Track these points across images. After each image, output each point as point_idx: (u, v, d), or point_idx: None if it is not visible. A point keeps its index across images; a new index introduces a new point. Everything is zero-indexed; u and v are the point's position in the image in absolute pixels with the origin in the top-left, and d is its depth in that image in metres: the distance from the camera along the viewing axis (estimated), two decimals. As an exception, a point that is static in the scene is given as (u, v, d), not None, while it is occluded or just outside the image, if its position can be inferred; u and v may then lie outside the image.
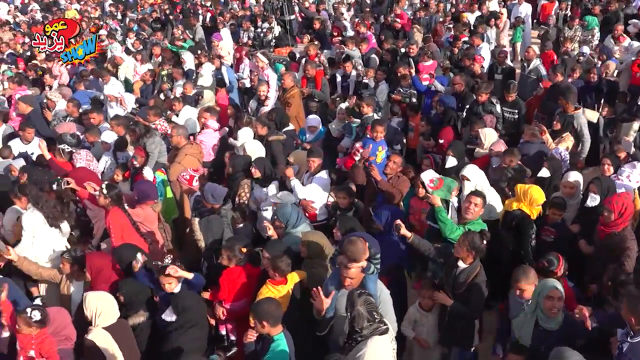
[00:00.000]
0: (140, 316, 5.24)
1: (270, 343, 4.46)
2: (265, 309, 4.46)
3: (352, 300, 4.19)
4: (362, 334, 4.16)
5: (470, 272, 5.11)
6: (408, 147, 9.66)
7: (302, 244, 5.62)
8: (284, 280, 5.22)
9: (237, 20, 17.49)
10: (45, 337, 4.59)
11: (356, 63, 11.47)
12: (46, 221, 6.28)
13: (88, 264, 5.51)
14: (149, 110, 9.07)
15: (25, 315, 4.50)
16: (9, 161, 8.16)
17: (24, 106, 9.43)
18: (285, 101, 10.09)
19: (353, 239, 4.74)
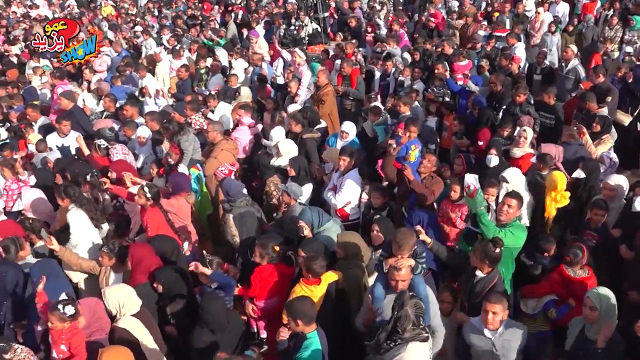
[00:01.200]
0: (177, 305, 5.33)
1: (303, 341, 4.47)
2: (299, 307, 4.48)
3: (403, 300, 4.13)
4: (403, 337, 4.11)
5: (487, 282, 5.02)
6: (441, 147, 9.57)
7: (339, 245, 5.61)
8: (317, 281, 5.21)
9: (271, 18, 17.54)
10: (75, 331, 4.63)
11: (397, 62, 11.40)
12: (90, 222, 6.46)
13: (130, 253, 5.59)
14: (186, 105, 9.17)
15: (58, 311, 4.54)
16: (45, 154, 8.34)
17: (65, 102, 9.57)
18: (319, 98, 10.08)
19: (404, 229, 4.80)
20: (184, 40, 15.31)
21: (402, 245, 4.59)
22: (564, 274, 5.38)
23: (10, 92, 11.90)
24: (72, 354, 4.59)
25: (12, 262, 5.67)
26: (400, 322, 4.10)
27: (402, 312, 4.09)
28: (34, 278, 5.44)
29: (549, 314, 5.47)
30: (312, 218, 6.04)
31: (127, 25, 19.11)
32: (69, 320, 4.57)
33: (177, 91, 11.90)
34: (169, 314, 5.36)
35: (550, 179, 6.46)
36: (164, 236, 6.06)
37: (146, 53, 14.76)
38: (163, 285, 5.31)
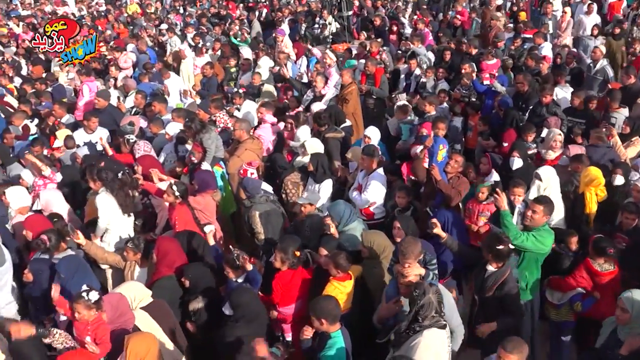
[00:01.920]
0: (199, 302, 5.34)
1: (327, 340, 4.48)
2: (323, 307, 4.49)
3: (424, 288, 4.16)
4: (423, 324, 4.13)
5: (498, 276, 5.00)
6: (466, 147, 9.50)
7: (364, 244, 5.59)
8: (348, 275, 5.22)
9: (295, 16, 17.58)
10: (100, 322, 4.67)
11: (421, 61, 11.35)
12: (119, 208, 6.50)
13: (157, 246, 5.62)
14: (210, 103, 9.23)
15: (83, 299, 4.56)
16: (73, 150, 8.43)
17: (102, 101, 9.70)
18: (343, 97, 10.07)
19: (409, 238, 4.82)
20: (207, 38, 15.41)
21: (406, 254, 4.64)
22: (590, 267, 5.42)
23: (38, 88, 12.10)
24: (96, 344, 4.63)
25: (48, 259, 5.78)
26: (422, 310, 4.12)
27: (424, 299, 4.12)
28: (62, 274, 5.53)
29: (575, 307, 5.59)
30: (344, 212, 6.05)
31: (151, 23, 19.28)
32: (95, 308, 4.60)
33: (202, 88, 11.99)
34: (190, 310, 5.39)
35: (588, 175, 6.39)
36: (191, 232, 6.10)
37: (171, 51, 14.87)
38: (190, 281, 5.35)
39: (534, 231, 5.42)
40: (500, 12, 14.99)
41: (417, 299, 4.15)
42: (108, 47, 15.57)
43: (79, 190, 7.60)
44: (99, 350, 4.55)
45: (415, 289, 4.20)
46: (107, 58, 14.66)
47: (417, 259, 4.76)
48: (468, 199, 6.76)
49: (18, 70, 14.83)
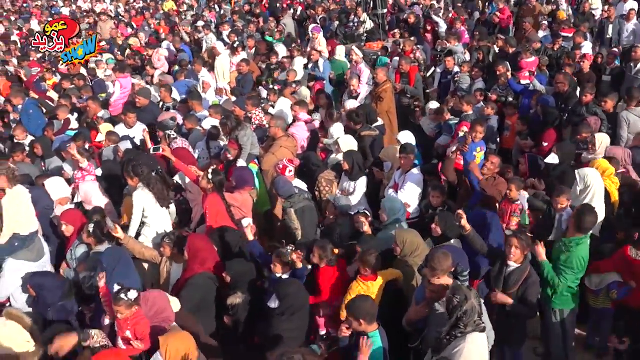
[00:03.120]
0: (237, 297, 5.40)
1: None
2: (361, 307, 4.47)
3: (465, 294, 4.09)
4: (465, 331, 4.08)
5: (522, 272, 5.05)
6: (502, 147, 9.37)
7: (397, 242, 5.57)
8: (374, 276, 5.18)
9: (328, 14, 17.56)
10: (140, 318, 4.73)
11: (458, 59, 11.25)
12: (156, 200, 6.54)
13: (188, 244, 5.64)
14: (247, 100, 9.29)
15: (123, 299, 4.64)
16: (117, 144, 8.51)
17: (142, 100, 9.83)
18: (378, 95, 10.05)
19: (439, 251, 4.77)
20: (243, 36, 15.50)
21: (436, 269, 4.61)
22: (627, 256, 5.46)
23: (77, 84, 12.34)
24: (137, 339, 4.71)
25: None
26: (466, 316, 4.05)
27: (467, 305, 4.05)
28: (104, 264, 5.58)
29: (611, 295, 5.65)
30: (399, 211, 6.10)
31: (185, 21, 19.48)
32: (136, 305, 4.67)
33: (237, 85, 12.07)
34: (229, 305, 5.43)
35: (599, 167, 6.46)
36: (228, 228, 6.13)
37: (207, 48, 15.01)
38: (232, 277, 5.39)
39: (573, 241, 5.35)
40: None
41: (459, 306, 4.08)
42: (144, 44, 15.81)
43: (119, 185, 7.72)
44: (142, 345, 4.60)
45: (456, 295, 4.11)
46: (146, 55, 14.88)
47: (447, 273, 4.74)
48: (502, 200, 6.66)
49: (55, 65, 15.15)
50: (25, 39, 19.57)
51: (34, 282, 5.45)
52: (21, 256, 6.03)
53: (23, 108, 10.28)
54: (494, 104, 9.49)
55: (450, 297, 4.12)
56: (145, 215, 6.55)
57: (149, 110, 9.71)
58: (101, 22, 19.89)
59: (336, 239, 6.19)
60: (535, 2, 15.28)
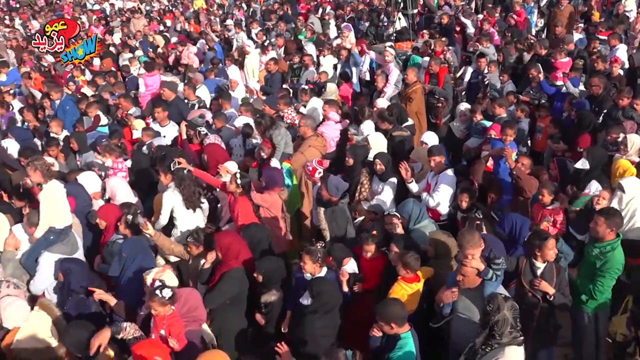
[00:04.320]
0: (272, 295, 5.43)
1: (397, 340, 4.46)
2: (391, 311, 4.47)
3: (498, 303, 4.07)
4: (501, 342, 4.05)
5: (552, 268, 5.12)
6: (533, 149, 9.26)
7: (430, 244, 5.56)
8: (416, 277, 5.17)
9: (357, 14, 17.55)
10: (176, 319, 4.78)
11: (490, 61, 11.15)
12: (183, 203, 6.61)
13: (217, 243, 5.66)
14: (279, 99, 9.32)
15: (158, 297, 4.67)
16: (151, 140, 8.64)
17: (168, 92, 9.92)
18: (407, 96, 10.04)
19: (465, 229, 4.89)
20: (272, 34, 15.56)
21: (463, 244, 4.73)
22: None
23: (109, 81, 12.52)
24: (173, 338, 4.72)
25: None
26: (497, 327, 4.03)
27: (499, 315, 4.03)
28: (124, 254, 5.71)
29: None
30: (412, 210, 6.04)
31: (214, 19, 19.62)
32: (170, 303, 4.70)
33: (265, 84, 12.12)
34: (262, 303, 5.46)
35: (620, 167, 6.52)
36: (257, 224, 6.17)
37: (237, 46, 15.10)
38: (264, 276, 5.41)
39: (608, 246, 5.27)
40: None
41: (491, 315, 4.06)
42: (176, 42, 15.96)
43: (148, 179, 7.83)
44: (177, 346, 4.64)
45: (489, 303, 4.10)
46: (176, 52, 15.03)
47: (479, 250, 4.78)
48: (534, 203, 6.60)
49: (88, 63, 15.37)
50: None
51: (63, 266, 5.55)
52: (56, 250, 6.12)
53: (60, 103, 10.46)
54: (525, 106, 9.40)
55: (484, 306, 4.11)
56: (173, 215, 6.65)
57: (174, 104, 9.78)
58: (134, 19, 20.15)
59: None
60: (567, 4, 15.08)
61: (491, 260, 4.83)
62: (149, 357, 4.16)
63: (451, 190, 6.96)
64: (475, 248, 4.75)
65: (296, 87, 11.45)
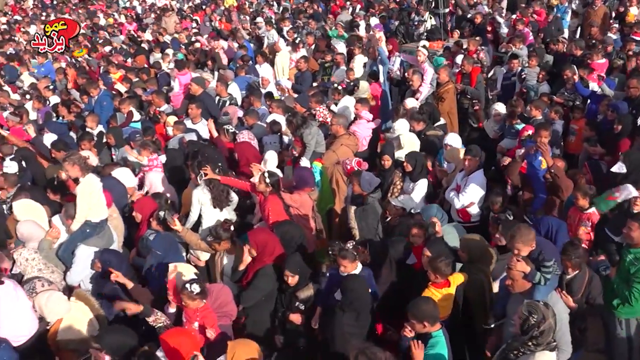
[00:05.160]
0: (309, 289, 5.44)
1: (428, 339, 4.44)
2: (424, 309, 4.44)
3: (542, 312, 4.00)
4: (535, 350, 4.00)
5: (582, 278, 5.06)
6: (566, 152, 9.13)
7: (462, 248, 5.51)
8: (446, 282, 5.10)
9: (388, 12, 17.48)
10: (208, 311, 4.85)
11: (524, 62, 11.03)
12: (212, 202, 6.67)
13: (252, 241, 5.66)
14: (311, 97, 9.35)
15: (187, 291, 4.76)
16: (182, 135, 8.72)
17: (195, 87, 10.00)
18: (439, 96, 9.98)
19: (523, 225, 4.91)
20: (303, 33, 15.60)
21: (515, 236, 4.76)
22: None
23: (141, 77, 12.69)
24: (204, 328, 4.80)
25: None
26: (542, 336, 3.97)
27: (545, 325, 3.96)
28: (158, 251, 5.85)
29: None
30: (435, 215, 6.01)
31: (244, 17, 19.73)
32: (199, 298, 4.77)
33: (295, 82, 12.16)
34: (301, 299, 5.41)
35: None
36: (290, 222, 6.20)
37: (268, 44, 15.17)
38: (300, 275, 5.38)
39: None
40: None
41: (536, 325, 3.97)
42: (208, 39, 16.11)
43: (180, 174, 7.91)
44: (214, 334, 4.72)
45: (532, 314, 3.99)
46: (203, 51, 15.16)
47: (528, 249, 4.75)
48: (569, 207, 6.50)
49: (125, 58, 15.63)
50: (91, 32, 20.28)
51: (102, 257, 5.66)
52: (91, 242, 6.24)
53: (97, 99, 10.64)
54: (560, 108, 9.27)
55: (525, 316, 4.00)
56: (200, 213, 6.72)
57: (200, 99, 9.82)
58: (165, 17, 20.37)
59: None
60: (601, 4, 14.81)
61: (540, 262, 4.75)
62: (179, 347, 4.21)
63: (481, 192, 6.91)
64: (525, 245, 4.75)
65: (327, 86, 11.45)
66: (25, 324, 5.06)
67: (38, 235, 6.22)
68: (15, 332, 4.98)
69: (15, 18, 23.71)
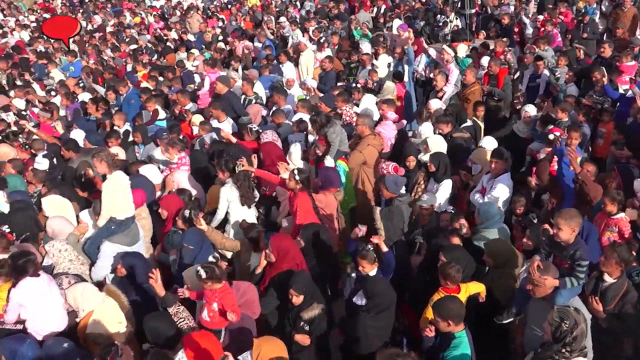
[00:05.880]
0: (314, 309, 5.10)
1: (451, 339, 4.42)
2: (449, 308, 4.42)
3: (574, 318, 3.92)
4: (570, 357, 3.93)
5: (619, 287, 4.83)
6: (594, 155, 9.00)
7: (488, 253, 5.44)
8: (456, 289, 5.03)
9: (413, 13, 17.40)
10: (227, 291, 4.82)
11: (549, 63, 10.90)
12: (240, 199, 6.70)
13: (274, 246, 5.60)
14: (336, 97, 9.33)
15: (197, 274, 4.79)
16: (205, 135, 8.80)
17: (220, 86, 10.07)
18: (465, 97, 9.92)
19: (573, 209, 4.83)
20: (328, 33, 15.59)
21: (562, 213, 4.72)
22: None
23: (167, 76, 12.81)
24: (224, 311, 4.79)
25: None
26: (575, 342, 3.89)
27: (577, 331, 3.88)
28: (191, 246, 5.87)
29: None
30: (493, 217, 6.00)
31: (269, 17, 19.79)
32: (210, 281, 4.75)
33: (320, 82, 12.16)
34: (306, 320, 5.09)
35: None
36: (317, 224, 6.18)
37: (292, 43, 15.20)
38: (304, 295, 5.09)
39: None
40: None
41: (569, 332, 3.89)
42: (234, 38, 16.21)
43: (203, 174, 7.97)
44: (235, 317, 4.70)
45: (564, 321, 3.91)
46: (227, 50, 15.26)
47: (570, 231, 4.68)
48: (597, 212, 6.40)
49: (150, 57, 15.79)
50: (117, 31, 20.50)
51: (126, 262, 5.66)
52: (116, 240, 6.32)
53: (125, 97, 10.78)
54: (587, 110, 9.15)
55: (557, 323, 3.92)
56: (228, 211, 6.74)
57: (225, 98, 9.90)
58: (188, 18, 20.54)
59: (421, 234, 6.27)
60: (630, 5, 14.55)
61: (576, 260, 4.69)
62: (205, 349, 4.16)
63: (507, 195, 6.84)
64: (567, 225, 4.67)
65: (351, 86, 11.45)
66: (55, 319, 5.13)
67: (67, 231, 6.31)
68: (44, 327, 5.07)
69: (45, 16, 24.04)
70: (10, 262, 5.25)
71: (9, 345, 4.58)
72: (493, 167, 6.97)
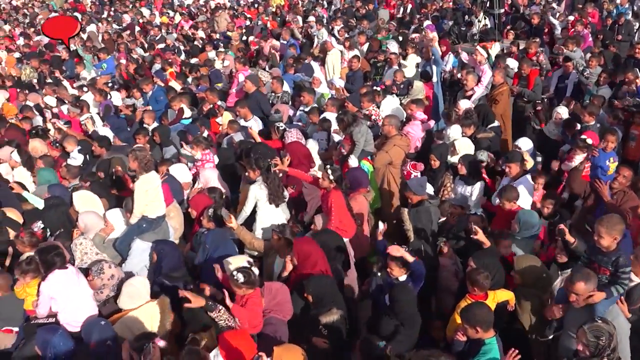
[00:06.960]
0: (333, 314, 5.02)
1: (481, 345, 4.37)
2: (477, 314, 4.38)
3: (608, 331, 3.91)
4: None
5: None
6: (626, 158, 8.82)
7: (515, 269, 5.29)
8: (483, 296, 4.97)
9: (441, 12, 17.28)
10: (253, 298, 4.82)
11: (578, 64, 10.73)
12: (268, 198, 6.70)
13: (296, 250, 5.57)
14: (362, 97, 9.31)
15: (233, 278, 4.81)
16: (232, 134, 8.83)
17: (249, 85, 10.12)
18: (493, 98, 9.79)
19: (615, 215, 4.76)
20: (355, 32, 15.57)
21: (603, 220, 4.63)
22: None
23: (195, 75, 12.91)
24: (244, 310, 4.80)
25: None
26: (614, 352, 3.89)
27: (613, 342, 3.88)
28: (207, 245, 5.92)
29: None
30: (532, 226, 5.94)
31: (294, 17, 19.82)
32: (245, 287, 4.78)
33: (347, 82, 12.14)
34: (324, 324, 5.02)
35: None
36: (330, 231, 6.10)
37: (318, 42, 15.20)
38: (312, 295, 5.08)
39: None
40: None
41: (607, 345, 3.89)
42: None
43: (231, 173, 8.01)
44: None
45: (600, 337, 3.90)
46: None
47: (612, 239, 4.61)
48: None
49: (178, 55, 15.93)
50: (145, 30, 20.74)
51: (157, 247, 5.76)
52: (147, 238, 6.35)
53: (152, 95, 10.88)
54: (619, 113, 8.98)
55: (594, 342, 3.90)
56: (256, 209, 6.75)
57: (253, 97, 9.93)
58: (215, 16, 20.66)
59: (449, 236, 6.25)
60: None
61: (619, 267, 4.62)
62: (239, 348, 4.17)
63: (528, 198, 6.76)
64: (609, 233, 4.60)
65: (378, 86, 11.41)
66: (84, 311, 5.20)
67: (99, 227, 6.38)
68: (74, 317, 5.14)
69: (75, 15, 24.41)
70: (37, 258, 5.35)
71: (42, 336, 4.66)
72: (509, 172, 6.91)
